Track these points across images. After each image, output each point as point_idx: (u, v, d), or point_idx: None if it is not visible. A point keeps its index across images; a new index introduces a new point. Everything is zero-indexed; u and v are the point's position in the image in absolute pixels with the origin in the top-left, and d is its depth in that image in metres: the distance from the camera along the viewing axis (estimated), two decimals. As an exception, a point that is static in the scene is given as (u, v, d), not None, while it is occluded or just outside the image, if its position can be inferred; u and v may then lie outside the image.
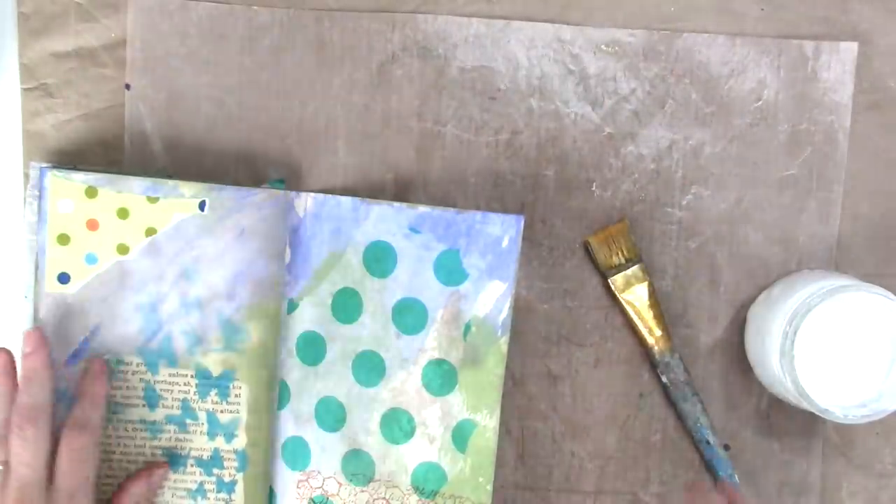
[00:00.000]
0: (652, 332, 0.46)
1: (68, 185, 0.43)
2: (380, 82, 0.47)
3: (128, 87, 0.47)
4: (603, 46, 0.47)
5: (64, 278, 0.44)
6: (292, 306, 0.45)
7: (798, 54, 0.46)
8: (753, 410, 0.48)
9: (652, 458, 0.48)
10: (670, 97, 0.47)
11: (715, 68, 0.47)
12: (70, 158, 0.47)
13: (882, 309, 0.42)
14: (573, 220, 0.47)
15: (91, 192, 0.43)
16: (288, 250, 0.45)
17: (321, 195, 0.45)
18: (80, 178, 0.43)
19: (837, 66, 0.47)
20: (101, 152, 0.47)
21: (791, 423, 0.48)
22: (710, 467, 0.47)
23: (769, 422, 0.48)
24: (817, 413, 0.41)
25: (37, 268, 0.44)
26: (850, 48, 0.47)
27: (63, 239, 0.43)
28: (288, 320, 0.45)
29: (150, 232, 0.44)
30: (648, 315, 0.46)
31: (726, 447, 0.48)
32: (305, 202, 0.45)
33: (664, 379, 0.46)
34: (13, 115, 0.47)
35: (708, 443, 0.46)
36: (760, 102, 0.47)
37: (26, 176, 0.47)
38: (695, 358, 0.48)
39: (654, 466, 0.48)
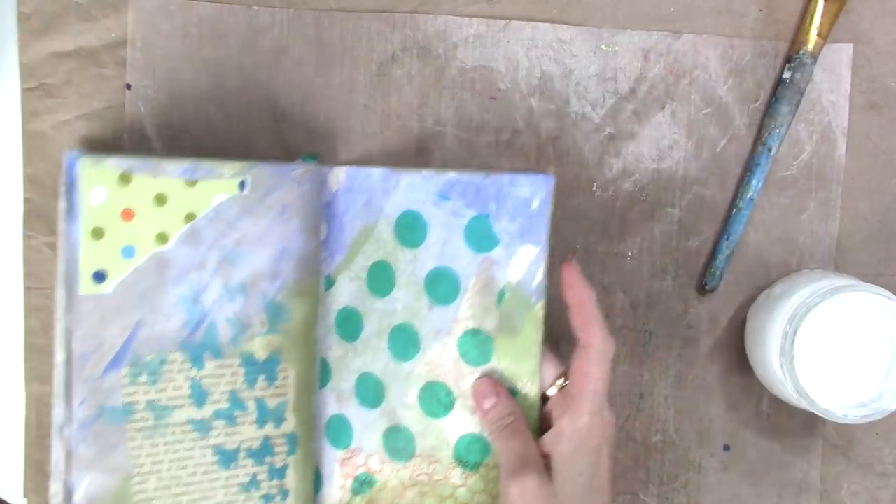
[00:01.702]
0: (811, 25, 0.45)
1: (100, 173, 0.39)
2: (380, 82, 0.47)
3: (128, 87, 0.47)
4: (603, 46, 0.47)
5: (99, 277, 0.40)
6: (329, 283, 0.45)
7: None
8: (754, 410, 0.48)
9: (652, 458, 0.48)
10: (670, 97, 0.47)
11: (714, 69, 0.47)
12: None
13: (882, 309, 0.42)
14: (573, 220, 0.47)
15: (125, 178, 0.39)
16: (324, 226, 0.44)
17: (353, 168, 0.44)
18: (113, 164, 0.39)
19: (834, 67, 0.47)
20: (101, 152, 0.47)
21: (791, 423, 0.48)
22: (749, 168, 0.47)
23: (769, 422, 0.48)
24: (817, 413, 0.41)
25: (67, 268, 0.40)
26: (846, 49, 0.47)
27: (97, 233, 0.39)
28: (326, 297, 0.45)
29: (190, 217, 0.41)
30: (828, 15, 0.45)
31: (726, 447, 0.48)
32: (338, 176, 0.44)
33: (786, 74, 0.46)
34: (13, 115, 0.47)
35: (769, 150, 0.46)
36: (759, 103, 0.47)
37: (26, 175, 0.47)
38: (695, 358, 0.48)
39: (654, 466, 0.48)
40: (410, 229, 0.43)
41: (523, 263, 0.42)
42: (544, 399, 0.42)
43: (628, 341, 0.48)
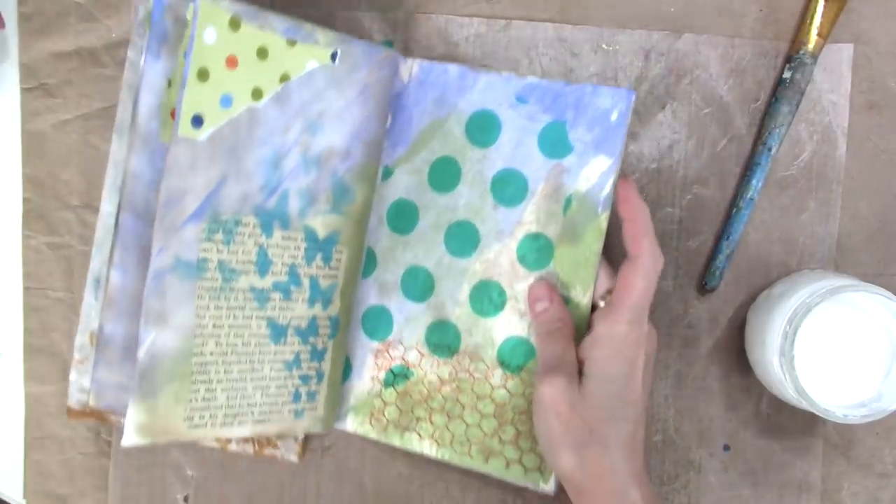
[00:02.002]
0: (811, 25, 0.45)
1: (215, 12, 0.39)
2: (380, 82, 0.47)
3: (128, 86, 0.47)
4: (604, 45, 0.47)
5: (198, 122, 0.40)
6: (387, 173, 0.45)
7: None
8: (754, 411, 0.48)
9: (652, 458, 0.48)
10: (671, 97, 0.47)
11: (715, 68, 0.47)
12: (69, 159, 0.47)
13: (882, 309, 0.42)
14: (573, 220, 0.47)
15: (234, 23, 0.39)
16: (389, 115, 0.44)
17: (427, 62, 0.44)
18: (227, 5, 0.39)
19: (835, 67, 0.47)
20: (100, 152, 0.47)
21: (791, 423, 0.48)
22: (749, 168, 0.47)
23: (769, 422, 0.48)
24: (817, 413, 0.41)
25: (136, 108, 0.40)
26: (846, 49, 0.47)
27: (203, 74, 0.39)
28: (381, 188, 0.45)
29: (285, 78, 0.41)
30: (828, 15, 0.45)
31: (726, 447, 0.48)
32: (411, 68, 0.44)
33: (786, 74, 0.46)
34: (13, 115, 0.47)
35: (769, 150, 0.46)
36: (759, 103, 0.47)
37: (25, 175, 0.47)
38: (695, 358, 0.48)
39: (654, 466, 0.48)
40: (483, 129, 0.43)
41: (594, 173, 0.42)
42: (593, 310, 0.42)
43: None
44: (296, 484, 0.48)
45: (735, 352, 0.48)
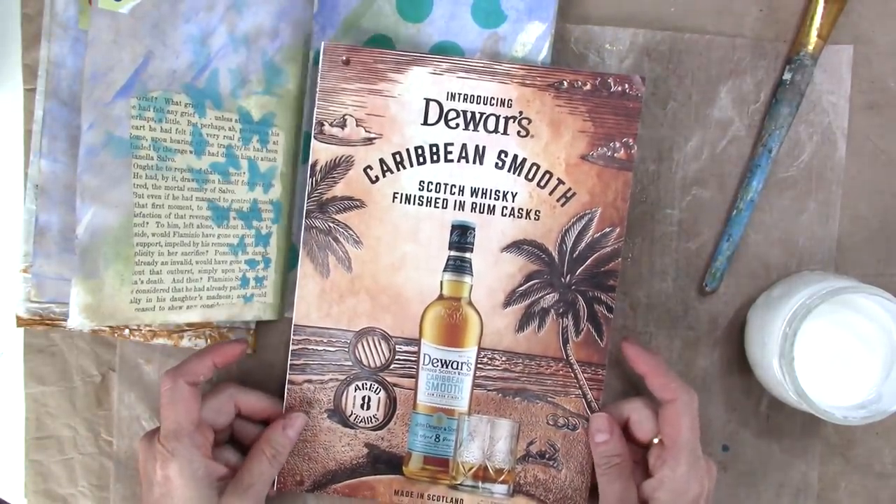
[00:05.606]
0: (811, 26, 0.46)
1: None
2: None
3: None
4: (606, 45, 0.47)
5: None
6: (318, 57, 0.45)
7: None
8: (753, 411, 0.48)
9: (652, 459, 0.48)
10: (671, 98, 0.47)
11: (715, 69, 0.47)
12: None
13: (881, 310, 0.42)
14: (573, 220, 0.47)
15: None
16: None
17: None
18: None
19: (835, 68, 0.47)
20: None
21: (790, 424, 0.48)
22: (749, 169, 0.47)
23: (769, 423, 0.48)
24: (817, 415, 0.41)
25: None
26: (846, 51, 0.47)
27: None
28: (314, 72, 0.45)
29: None
30: (828, 17, 0.46)
31: (725, 447, 0.48)
32: None
33: (786, 75, 0.46)
34: (16, 115, 0.47)
35: (769, 151, 0.46)
36: (759, 104, 0.47)
37: (26, 175, 0.47)
38: (695, 359, 0.48)
39: (653, 467, 0.48)
40: (414, 3, 0.44)
41: (530, 39, 0.44)
42: (646, 447, 0.43)
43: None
44: None
45: (735, 353, 0.48)
